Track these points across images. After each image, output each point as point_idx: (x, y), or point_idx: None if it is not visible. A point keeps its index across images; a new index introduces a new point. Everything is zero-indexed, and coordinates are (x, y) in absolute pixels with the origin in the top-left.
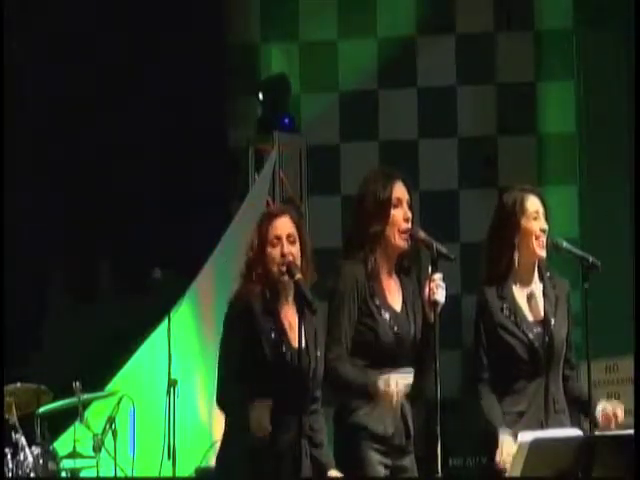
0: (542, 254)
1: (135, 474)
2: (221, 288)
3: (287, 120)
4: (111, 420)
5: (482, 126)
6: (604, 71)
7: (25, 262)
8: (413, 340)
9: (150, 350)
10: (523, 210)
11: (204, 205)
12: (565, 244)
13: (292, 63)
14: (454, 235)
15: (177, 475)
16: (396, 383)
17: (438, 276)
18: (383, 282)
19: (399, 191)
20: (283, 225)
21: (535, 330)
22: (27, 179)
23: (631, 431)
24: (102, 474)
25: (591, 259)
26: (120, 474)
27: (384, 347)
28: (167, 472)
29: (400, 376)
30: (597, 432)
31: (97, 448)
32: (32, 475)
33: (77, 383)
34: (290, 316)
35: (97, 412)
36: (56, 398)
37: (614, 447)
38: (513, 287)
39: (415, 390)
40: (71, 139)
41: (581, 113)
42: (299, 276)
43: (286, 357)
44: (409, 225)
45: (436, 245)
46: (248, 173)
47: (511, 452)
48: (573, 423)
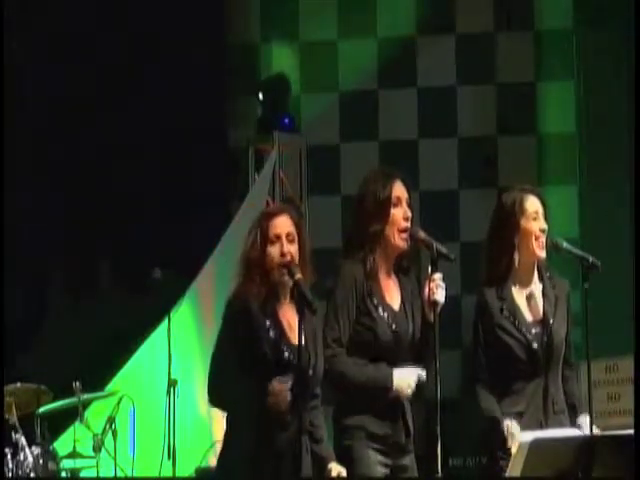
0: (542, 254)
1: (135, 474)
2: (221, 288)
3: (287, 120)
4: (111, 420)
5: (482, 126)
6: (604, 71)
7: (25, 262)
8: (412, 339)
9: (150, 350)
10: (523, 210)
11: (204, 205)
12: (565, 244)
13: (292, 63)
14: (454, 235)
15: (177, 475)
16: (410, 379)
17: (438, 276)
18: (382, 281)
19: (399, 190)
20: (282, 224)
21: (534, 330)
22: (27, 179)
23: (631, 431)
24: (102, 474)
25: (591, 259)
26: (120, 474)
27: (383, 346)
28: (167, 472)
29: (413, 371)
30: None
31: (97, 448)
32: (32, 475)
33: (77, 383)
34: (289, 315)
35: (97, 412)
36: (56, 398)
37: (614, 447)
38: (512, 287)
39: (415, 390)
40: (71, 139)
41: (581, 113)
42: (299, 276)
43: (285, 356)
44: (409, 224)
45: (436, 245)
46: (248, 173)
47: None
48: (572, 423)
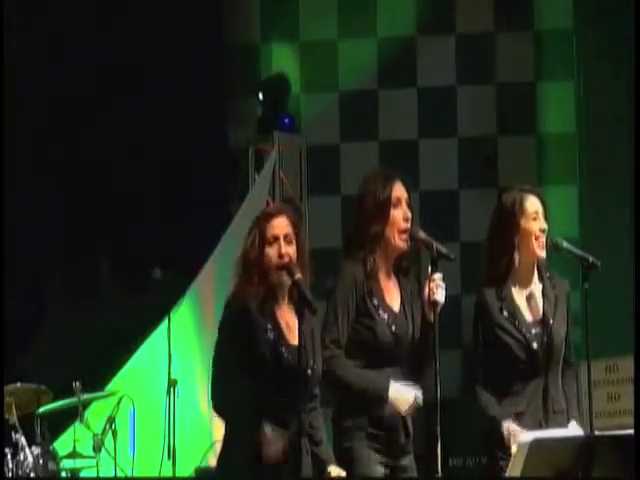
0: (542, 254)
1: (135, 474)
2: (221, 288)
3: (287, 120)
4: (111, 420)
5: (482, 126)
6: (604, 71)
7: (25, 262)
8: (411, 340)
9: (150, 350)
10: (522, 210)
11: (204, 205)
12: (565, 244)
13: (292, 63)
14: (454, 235)
15: (177, 475)
16: (408, 397)
17: (438, 276)
18: (382, 282)
19: (398, 191)
20: (280, 225)
21: (534, 331)
22: (27, 179)
23: (631, 431)
24: (102, 474)
25: (591, 259)
26: (120, 474)
27: (382, 347)
28: (167, 472)
29: (411, 391)
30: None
31: (97, 448)
32: (32, 475)
33: (77, 383)
34: (287, 315)
35: (97, 412)
36: (56, 398)
37: (614, 447)
38: (512, 287)
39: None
40: (71, 139)
41: (581, 113)
42: (299, 276)
43: (284, 356)
44: (409, 225)
45: (436, 245)
46: (248, 173)
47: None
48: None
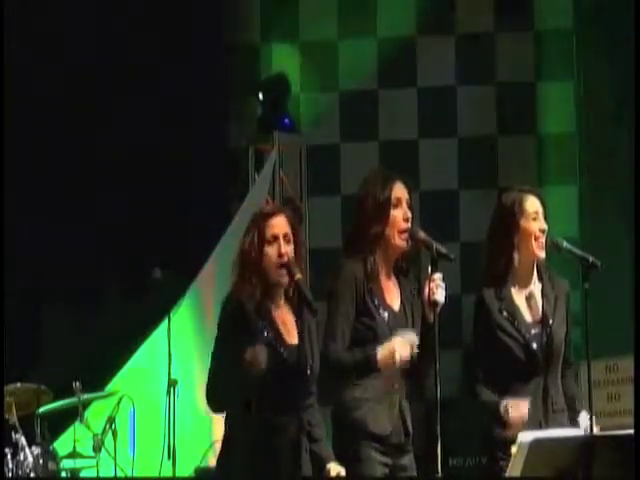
0: (541, 255)
1: (135, 474)
2: (221, 288)
3: (287, 120)
4: (111, 420)
5: (482, 126)
6: (604, 71)
7: (25, 262)
8: None
9: (150, 350)
10: (522, 211)
11: (204, 205)
12: (565, 244)
13: (292, 63)
14: (454, 235)
15: (177, 475)
16: (401, 344)
17: (438, 276)
18: (382, 282)
19: (399, 191)
20: (279, 224)
21: (533, 331)
22: (27, 179)
23: (631, 431)
24: (102, 474)
25: (591, 259)
26: (120, 474)
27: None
28: (167, 472)
29: (403, 336)
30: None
31: (97, 448)
32: (32, 475)
33: (77, 383)
34: (284, 315)
35: (97, 412)
36: (56, 398)
37: (614, 447)
38: (512, 288)
39: (415, 390)
40: (71, 139)
41: (581, 113)
42: (299, 276)
43: (282, 356)
44: (409, 225)
45: (436, 245)
46: (248, 173)
47: (523, 414)
48: (572, 422)
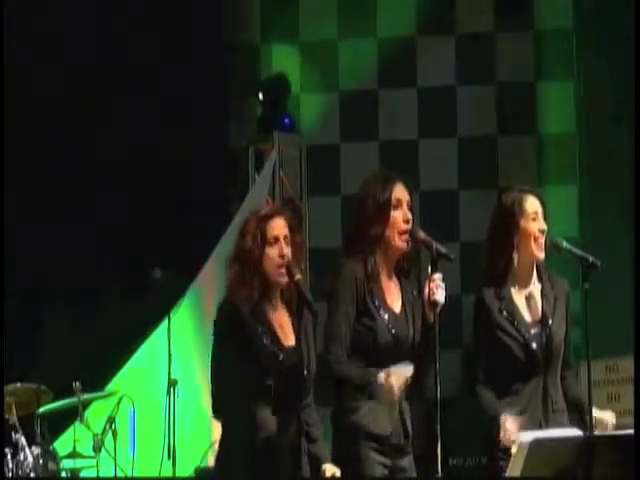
0: (541, 255)
1: (135, 474)
2: (221, 288)
3: (287, 120)
4: (111, 420)
5: (482, 126)
6: (604, 71)
7: (25, 262)
8: (411, 342)
9: (150, 350)
10: (522, 211)
11: (204, 205)
12: (565, 244)
13: (292, 63)
14: (454, 235)
15: (177, 475)
16: (397, 377)
17: (438, 276)
18: (383, 283)
19: (399, 192)
20: (280, 226)
21: (533, 331)
22: (27, 179)
23: (631, 431)
24: (102, 474)
25: (591, 259)
26: (120, 474)
27: (382, 347)
28: (167, 472)
29: (399, 369)
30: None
31: (97, 448)
32: (32, 475)
33: (77, 383)
34: (281, 317)
35: (97, 412)
36: (56, 398)
37: (614, 447)
38: (512, 288)
39: (415, 390)
40: (70, 139)
41: (581, 113)
42: (299, 277)
43: (278, 358)
44: (409, 226)
45: (436, 245)
46: (248, 173)
47: (513, 430)
48: (574, 422)
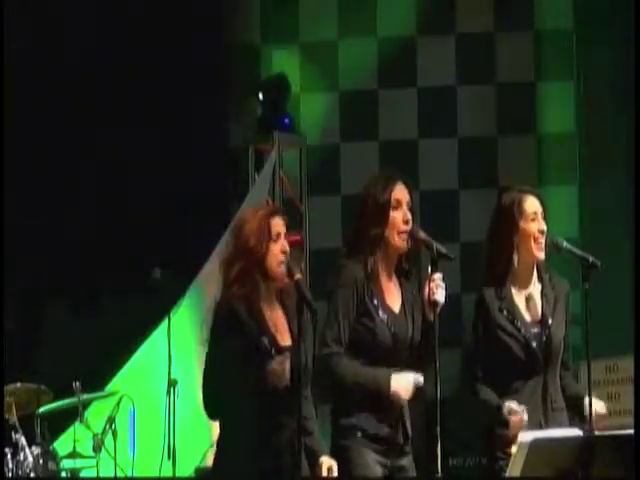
0: (540, 256)
1: (135, 474)
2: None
3: (287, 120)
4: (111, 420)
5: (482, 126)
6: (604, 71)
7: (25, 262)
8: (410, 342)
9: (150, 350)
10: (521, 211)
11: (204, 205)
12: (565, 244)
13: (292, 63)
14: (454, 235)
15: (177, 475)
16: (406, 388)
17: (438, 276)
18: (382, 283)
19: (399, 193)
20: (280, 223)
21: (533, 330)
22: (27, 179)
23: (631, 431)
24: (102, 474)
25: (591, 259)
26: (120, 474)
27: (381, 347)
28: (167, 472)
29: (411, 376)
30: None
31: (97, 448)
32: (32, 475)
33: (77, 383)
34: (277, 317)
35: (97, 412)
36: (56, 398)
37: (614, 447)
38: (512, 288)
39: (415, 390)
40: (70, 139)
41: (581, 113)
42: (299, 276)
43: (278, 358)
44: (408, 227)
45: (436, 245)
46: (248, 173)
47: (524, 418)
48: (574, 421)
